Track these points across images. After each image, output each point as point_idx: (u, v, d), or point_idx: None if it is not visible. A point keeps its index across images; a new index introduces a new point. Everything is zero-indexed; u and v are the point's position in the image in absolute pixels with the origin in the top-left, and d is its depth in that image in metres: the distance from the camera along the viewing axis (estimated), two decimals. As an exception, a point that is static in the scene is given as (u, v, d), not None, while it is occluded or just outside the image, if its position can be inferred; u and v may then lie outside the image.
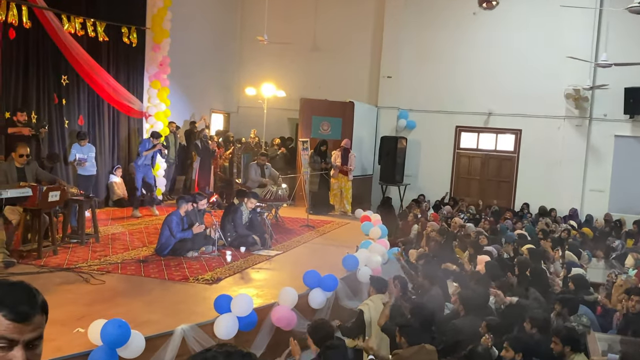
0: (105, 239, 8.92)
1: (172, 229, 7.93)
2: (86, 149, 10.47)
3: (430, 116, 16.79)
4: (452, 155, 16.90)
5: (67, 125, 10.93)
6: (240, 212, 9.00)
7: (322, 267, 7.38)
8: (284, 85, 16.48)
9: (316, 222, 11.84)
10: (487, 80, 16.28)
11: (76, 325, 5.06)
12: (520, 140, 16.37)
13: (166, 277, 6.94)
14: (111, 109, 12.16)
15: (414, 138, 16.95)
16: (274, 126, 16.99)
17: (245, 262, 7.97)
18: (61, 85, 10.76)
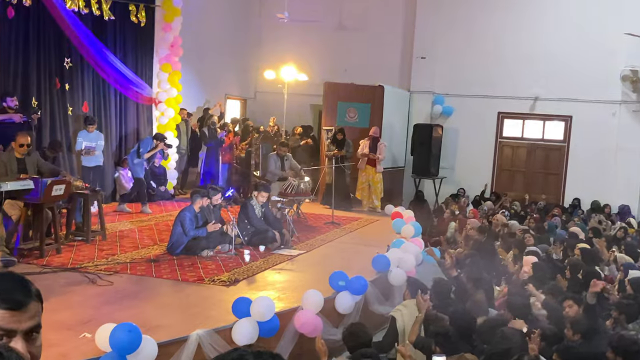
0: (112, 237, 9.01)
1: (185, 226, 7.99)
2: (94, 136, 10.62)
3: (469, 101, 16.65)
4: (494, 145, 16.75)
5: (71, 112, 11.06)
6: (251, 207, 9.04)
7: (350, 268, 7.36)
8: (307, 68, 16.48)
9: (342, 219, 11.83)
10: (533, 61, 16.09)
11: (82, 330, 5.13)
12: (570, 127, 16.16)
13: (179, 278, 6.99)
14: (118, 94, 12.28)
15: (451, 126, 16.84)
16: (295, 113, 17.01)
17: (265, 263, 8.00)
18: (64, 69, 10.89)
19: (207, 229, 8.17)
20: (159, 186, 12.87)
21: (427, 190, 16.33)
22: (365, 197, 13.59)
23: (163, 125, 13.33)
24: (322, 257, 8.67)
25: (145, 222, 10.37)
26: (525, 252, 8.96)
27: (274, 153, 12.11)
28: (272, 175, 11.80)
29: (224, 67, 17.07)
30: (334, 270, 6.95)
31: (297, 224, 10.80)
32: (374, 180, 13.41)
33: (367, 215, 12.70)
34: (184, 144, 14.09)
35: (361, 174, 13.53)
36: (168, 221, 10.49)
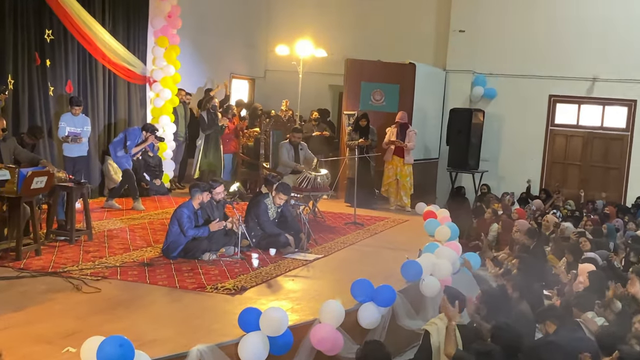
0: (100, 237, 9.05)
1: (183, 224, 8.01)
2: (80, 120, 10.68)
3: (516, 82, 16.54)
4: (544, 134, 16.65)
5: (52, 92, 11.13)
6: (264, 206, 9.04)
7: (375, 276, 7.33)
8: (325, 43, 16.46)
9: (365, 219, 11.81)
10: (591, 36, 15.94)
11: (65, 343, 5.13)
12: (634, 114, 16.00)
13: (177, 285, 7.01)
14: (107, 72, 12.36)
15: (494, 111, 16.75)
16: (311, 96, 17.02)
17: (276, 268, 8.01)
18: (45, 42, 10.96)
19: (209, 227, 8.19)
20: (153, 179, 12.95)
21: (465, 186, 16.25)
22: (392, 194, 13.55)
23: (158, 109, 13.41)
24: (343, 263, 8.65)
25: (138, 221, 10.41)
26: (580, 259, 8.89)
27: (286, 141, 12.12)
28: (284, 167, 11.81)
29: (229, 41, 17.11)
30: (356, 277, 6.93)
31: (314, 224, 10.78)
32: (402, 174, 13.37)
33: (394, 215, 12.66)
34: (182, 130, 14.15)
35: (387, 167, 13.50)
36: (164, 219, 10.52)
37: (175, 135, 13.85)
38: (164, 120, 13.41)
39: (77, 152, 10.63)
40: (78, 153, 10.64)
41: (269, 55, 18.38)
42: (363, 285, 6.76)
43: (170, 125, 13.56)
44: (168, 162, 13.68)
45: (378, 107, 14.37)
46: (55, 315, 5.84)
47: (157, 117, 13.40)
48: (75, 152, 10.60)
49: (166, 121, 13.44)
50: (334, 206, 13.01)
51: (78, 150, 10.64)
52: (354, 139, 13.09)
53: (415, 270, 7.76)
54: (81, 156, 10.73)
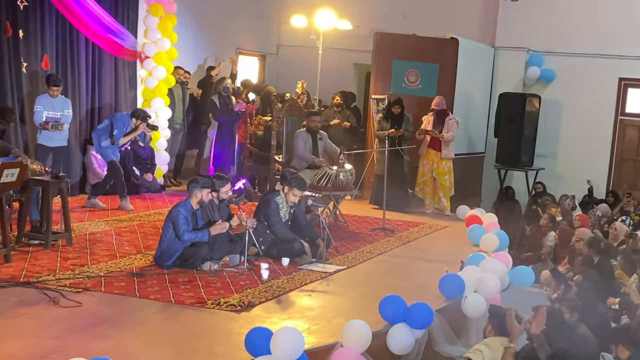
0: (81, 241, 9.09)
1: (178, 226, 8.02)
2: (59, 103, 10.67)
3: (579, 62, 16.44)
4: (613, 125, 16.53)
5: (25, 68, 11.18)
6: (275, 205, 9.04)
7: (408, 293, 7.32)
8: (350, 13, 16.43)
9: (396, 224, 11.79)
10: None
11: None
12: None
13: (172, 300, 7.02)
14: (90, 46, 12.41)
15: (552, 97, 16.66)
16: (332, 76, 16.99)
17: (290, 281, 8.02)
18: (17, 10, 11.00)
19: (209, 231, 8.18)
20: (144, 174, 13.00)
21: (516, 186, 16.16)
22: (428, 195, 13.53)
23: (150, 90, 13.46)
24: (369, 276, 8.65)
25: (126, 223, 10.45)
26: (656, 276, 8.83)
27: (302, 130, 12.12)
28: (299, 160, 11.80)
29: (235, 10, 17.13)
30: (385, 294, 6.92)
31: (335, 229, 10.79)
32: (440, 171, 13.36)
33: (431, 220, 12.65)
34: (179, 116, 14.20)
35: (422, 162, 13.48)
36: (156, 221, 10.57)
37: (171, 122, 13.88)
38: (158, 104, 13.44)
39: (57, 141, 10.64)
40: (57, 142, 10.66)
41: (282, 28, 18.38)
42: (394, 303, 6.75)
43: (165, 110, 13.60)
44: (162, 154, 13.73)
45: (413, 91, 14.34)
46: (27, 334, 5.86)
47: (149, 100, 13.45)
48: (54, 141, 10.61)
49: (160, 105, 13.47)
50: (359, 208, 13.01)
51: (58, 139, 10.65)
52: (384, 128, 13.06)
53: (456, 286, 7.73)
54: (61, 146, 10.75)
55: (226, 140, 13.47)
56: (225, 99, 13.40)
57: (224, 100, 13.36)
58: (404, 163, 13.24)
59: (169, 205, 11.29)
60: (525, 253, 12.00)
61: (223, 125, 13.43)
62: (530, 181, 16.30)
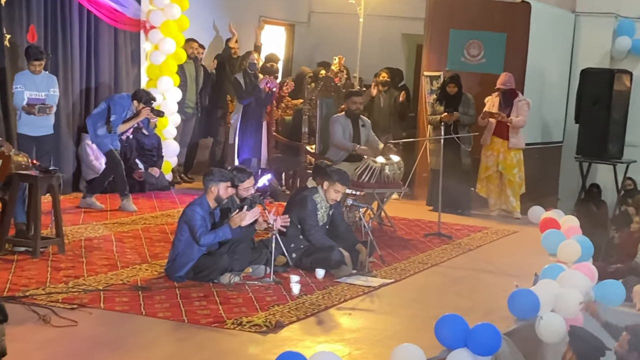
0: (75, 248, 9.16)
1: (195, 229, 8.06)
2: (42, 81, 10.57)
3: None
4: None
5: (8, 41, 11.26)
6: (313, 205, 9.07)
7: (471, 312, 7.34)
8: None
9: (454, 229, 11.81)
10: None
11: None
12: None
13: (185, 319, 7.07)
14: (85, 15, 12.47)
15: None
16: (376, 49, 16.99)
17: (326, 297, 8.04)
18: (-2, -28, 11.11)
19: (229, 226, 8.16)
20: (150, 168, 13.10)
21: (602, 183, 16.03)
22: (493, 193, 13.50)
23: (157, 67, 13.55)
24: (422, 292, 8.67)
25: (128, 226, 10.53)
26: None
27: (341, 114, 12.13)
28: (337, 151, 11.79)
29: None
30: (442, 312, 6.90)
31: (380, 235, 10.81)
32: (507, 164, 13.31)
33: (497, 224, 12.63)
34: (192, 98, 14.28)
35: (485, 154, 13.44)
36: (164, 225, 10.67)
37: (182, 105, 13.96)
38: (165, 84, 13.52)
39: (41, 129, 10.64)
40: (41, 130, 10.64)
41: (315, -8, 18.43)
42: (453, 324, 6.73)
43: (174, 91, 13.67)
44: (170, 144, 13.82)
45: (474, 67, 14.26)
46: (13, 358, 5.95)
47: (155, 80, 13.55)
48: (38, 129, 10.60)
49: (168, 85, 13.54)
50: (409, 210, 13.04)
51: (42, 127, 10.65)
52: (437, 112, 13.04)
53: (529, 304, 7.69)
54: (46, 135, 10.75)
55: (252, 127, 13.37)
56: (252, 77, 13.32)
57: (250, 79, 13.28)
58: (462, 154, 13.19)
59: (180, 206, 11.40)
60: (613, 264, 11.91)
61: (249, 110, 13.33)
62: (620, 176, 16.11)
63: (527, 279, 8.75)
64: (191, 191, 13.08)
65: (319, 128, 12.92)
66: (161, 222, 10.88)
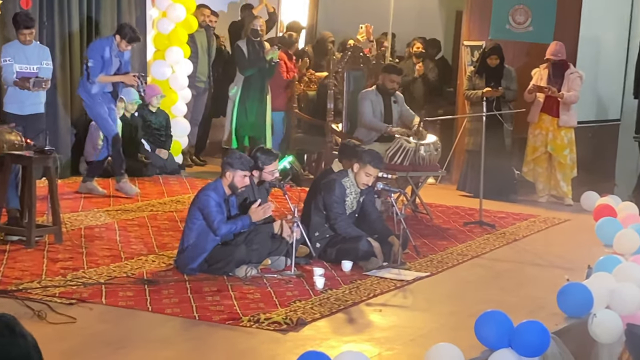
0: (74, 237, 9.19)
1: (211, 217, 8.07)
2: (34, 52, 10.44)
3: None
4: None
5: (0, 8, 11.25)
6: (341, 190, 9.05)
7: (516, 308, 7.32)
8: None
9: (497, 217, 11.80)
10: None
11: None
12: None
13: (196, 315, 7.08)
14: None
15: None
16: (410, 17, 16.96)
17: (353, 292, 8.04)
18: None
19: (250, 217, 8.19)
20: (157, 149, 13.16)
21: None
22: (542, 177, 13.47)
23: (165, 36, 13.64)
24: (462, 286, 8.68)
25: (133, 214, 10.58)
26: None
27: (371, 89, 12.09)
28: (367, 130, 11.77)
29: None
30: (483, 309, 6.90)
31: (414, 223, 10.82)
32: (558, 145, 13.27)
33: (546, 211, 12.61)
34: (204, 71, 14.33)
35: (533, 132, 13.40)
36: (173, 212, 10.73)
37: (192, 79, 14.02)
38: (175, 55, 13.61)
39: (30, 107, 10.44)
40: (31, 108, 10.44)
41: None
42: (496, 321, 6.72)
43: (184, 64, 13.74)
44: (180, 123, 13.88)
45: (521, 35, 14.21)
46: (6, 358, 6.00)
47: (163, 51, 13.62)
48: (27, 107, 10.41)
49: (178, 56, 13.63)
50: (446, 195, 13.04)
51: (32, 103, 10.46)
52: (477, 87, 12.99)
53: (581, 300, 7.68)
54: (36, 114, 10.53)
55: (255, 102, 13.45)
56: (256, 44, 13.35)
57: (253, 47, 13.31)
58: (504, 134, 13.13)
59: (190, 191, 11.46)
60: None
61: (251, 83, 13.38)
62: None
63: (579, 272, 8.73)
64: (203, 175, 13.14)
65: (346, 104, 12.86)
66: (170, 209, 10.91)
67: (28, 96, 10.37)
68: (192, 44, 13.86)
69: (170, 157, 13.36)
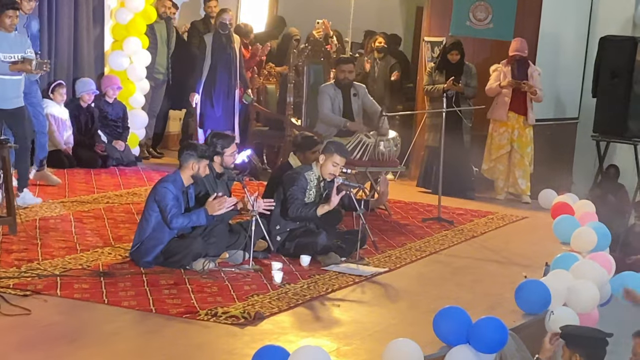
0: (29, 229, 9.13)
1: (166, 209, 8.04)
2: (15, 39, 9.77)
3: None
4: None
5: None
6: (303, 182, 9.02)
7: (474, 305, 7.40)
8: None
9: (456, 213, 11.86)
10: None
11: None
12: None
13: (153, 308, 7.06)
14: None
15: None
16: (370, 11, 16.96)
17: (312, 286, 8.06)
18: None
19: (206, 210, 8.12)
20: (114, 141, 13.11)
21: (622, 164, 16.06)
22: (502, 175, 13.52)
23: (123, 26, 13.57)
24: (420, 282, 8.70)
25: (89, 205, 10.51)
26: None
27: (330, 83, 12.10)
28: (326, 125, 11.76)
29: None
30: (442, 305, 6.95)
31: (373, 218, 10.81)
32: (523, 142, 13.40)
33: (504, 208, 12.69)
34: (163, 62, 14.27)
35: (498, 130, 13.44)
36: (129, 204, 10.69)
37: (151, 70, 13.96)
38: (133, 46, 13.54)
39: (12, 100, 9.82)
40: (13, 102, 9.84)
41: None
42: (454, 317, 6.75)
43: (143, 55, 13.68)
44: (138, 115, 13.81)
45: (481, 32, 14.20)
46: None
47: (121, 41, 13.54)
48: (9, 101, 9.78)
49: (136, 47, 13.57)
50: (405, 191, 13.06)
51: (14, 96, 9.84)
52: (437, 82, 13.03)
53: (538, 297, 7.74)
54: (18, 108, 9.98)
55: (220, 95, 13.29)
56: (223, 38, 13.21)
57: (219, 40, 13.19)
58: (463, 131, 13.21)
59: (147, 183, 11.42)
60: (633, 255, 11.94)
61: (215, 74, 13.23)
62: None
63: (537, 269, 8.87)
64: (160, 167, 13.11)
65: (305, 98, 12.85)
66: (126, 202, 10.85)
67: (12, 88, 9.82)
68: (152, 34, 13.77)
69: (127, 149, 13.28)
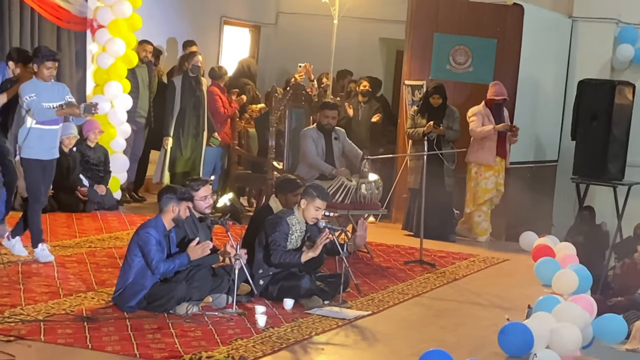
0: (11, 273, 9.11)
1: (150, 255, 8.06)
2: (53, 88, 9.61)
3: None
4: None
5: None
6: (285, 227, 9.06)
7: (456, 347, 7.38)
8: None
9: (438, 256, 11.88)
10: None
11: None
12: None
13: (136, 353, 7.03)
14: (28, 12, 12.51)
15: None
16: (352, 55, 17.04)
17: (295, 329, 8.05)
18: None
19: (188, 254, 8.18)
20: (95, 185, 13.08)
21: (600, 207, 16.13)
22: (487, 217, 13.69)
23: (104, 70, 13.55)
24: (403, 325, 8.68)
25: (71, 250, 10.50)
26: None
27: (312, 127, 12.16)
28: (308, 168, 11.80)
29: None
30: (425, 348, 6.95)
31: (355, 261, 10.81)
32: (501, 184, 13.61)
33: (485, 250, 12.74)
34: (144, 106, 14.30)
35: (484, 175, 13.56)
36: (112, 248, 10.67)
37: (132, 114, 13.95)
38: (114, 90, 13.50)
39: (51, 150, 9.74)
40: (51, 152, 9.80)
41: (283, -11, 18.50)
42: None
43: (124, 98, 13.66)
44: (119, 158, 13.80)
45: (461, 76, 14.32)
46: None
47: (102, 85, 13.52)
48: (48, 151, 9.70)
49: (117, 91, 13.53)
50: (388, 234, 13.08)
51: (53, 147, 9.78)
52: (419, 125, 13.09)
53: (521, 340, 7.75)
54: (54, 159, 9.93)
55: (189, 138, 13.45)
56: (192, 81, 13.37)
57: (189, 83, 13.32)
58: (444, 174, 13.26)
59: (129, 227, 11.42)
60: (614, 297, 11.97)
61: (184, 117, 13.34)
62: (621, 200, 16.21)
63: (519, 312, 8.85)
64: (142, 211, 13.11)
65: (287, 142, 12.90)
66: (108, 246, 10.84)
67: (50, 138, 9.69)
68: (133, 78, 13.80)
69: (108, 193, 13.26)
